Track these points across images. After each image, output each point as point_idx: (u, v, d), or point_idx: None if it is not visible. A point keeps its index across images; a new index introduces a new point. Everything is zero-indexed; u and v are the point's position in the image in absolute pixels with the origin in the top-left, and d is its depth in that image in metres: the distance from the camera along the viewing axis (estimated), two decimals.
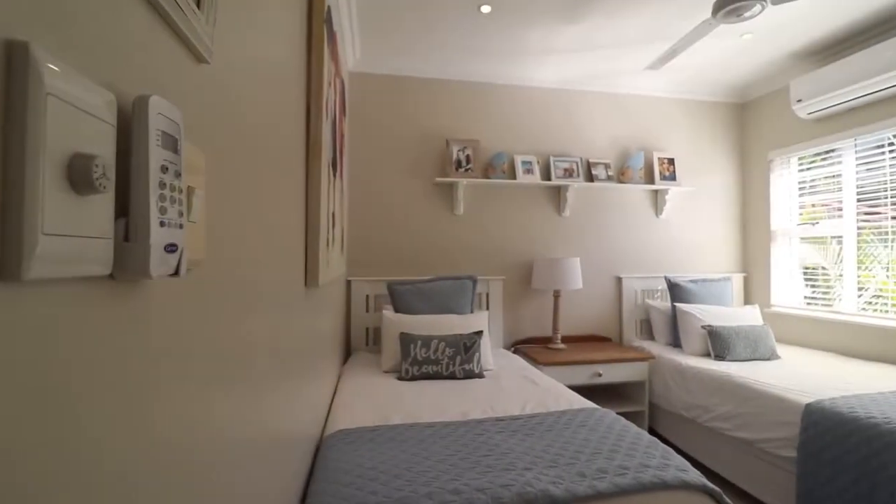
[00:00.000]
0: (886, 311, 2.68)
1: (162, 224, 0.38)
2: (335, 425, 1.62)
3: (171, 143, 0.39)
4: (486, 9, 2.32)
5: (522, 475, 1.19)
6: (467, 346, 2.27)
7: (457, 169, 3.01)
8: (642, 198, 3.41)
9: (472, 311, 2.73)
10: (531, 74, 3.15)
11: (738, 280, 3.52)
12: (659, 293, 3.35)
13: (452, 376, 2.22)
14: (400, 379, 2.21)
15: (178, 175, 0.40)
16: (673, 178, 3.35)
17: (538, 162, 3.20)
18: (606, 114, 3.38)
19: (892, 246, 2.68)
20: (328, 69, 1.46)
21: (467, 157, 3.04)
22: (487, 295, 3.08)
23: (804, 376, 2.25)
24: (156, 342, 0.43)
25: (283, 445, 1.03)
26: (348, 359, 2.67)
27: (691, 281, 3.11)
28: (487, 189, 3.15)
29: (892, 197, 2.65)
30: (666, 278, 3.15)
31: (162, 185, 0.38)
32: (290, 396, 1.09)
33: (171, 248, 0.39)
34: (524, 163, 3.15)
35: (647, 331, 3.31)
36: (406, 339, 2.29)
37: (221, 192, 0.61)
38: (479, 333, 2.35)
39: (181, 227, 0.41)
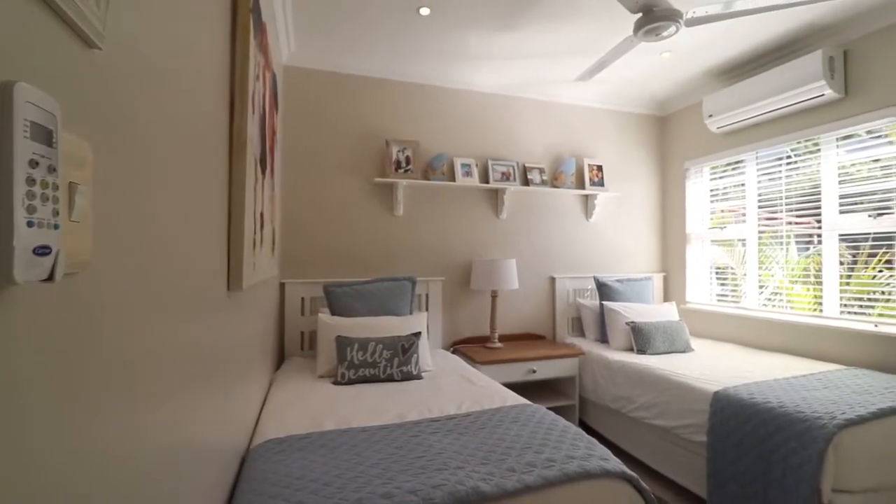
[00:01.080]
0: (783, 307, 3.01)
1: (30, 224, 0.34)
2: (264, 435, 1.55)
3: (44, 136, 0.36)
4: (424, 11, 2.33)
5: (455, 474, 1.20)
6: (405, 347, 2.26)
7: (396, 169, 3.00)
8: (574, 202, 3.58)
9: (411, 313, 2.72)
10: (470, 79, 3.20)
11: (658, 279, 3.80)
12: (589, 292, 3.53)
13: (390, 379, 2.20)
14: (336, 383, 2.16)
15: (52, 170, 0.36)
16: (601, 183, 3.55)
17: (477, 165, 3.26)
18: (541, 121, 3.51)
19: (787, 248, 3.01)
20: (255, 61, 1.40)
21: (407, 157, 3.03)
22: (427, 296, 3.08)
23: (713, 367, 2.46)
24: (25, 354, 0.38)
25: (202, 458, 0.97)
26: (281, 365, 2.57)
27: (617, 280, 3.32)
28: (427, 190, 3.17)
29: (787, 204, 2.98)
30: (595, 278, 3.33)
31: (30, 181, 0.34)
32: (210, 406, 1.03)
33: (42, 250, 0.35)
34: (463, 165, 3.20)
35: (578, 328, 3.48)
36: (342, 343, 2.24)
37: (120, 189, 0.56)
38: (418, 335, 2.34)
39: (56, 227, 0.37)
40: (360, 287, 2.63)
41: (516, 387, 2.92)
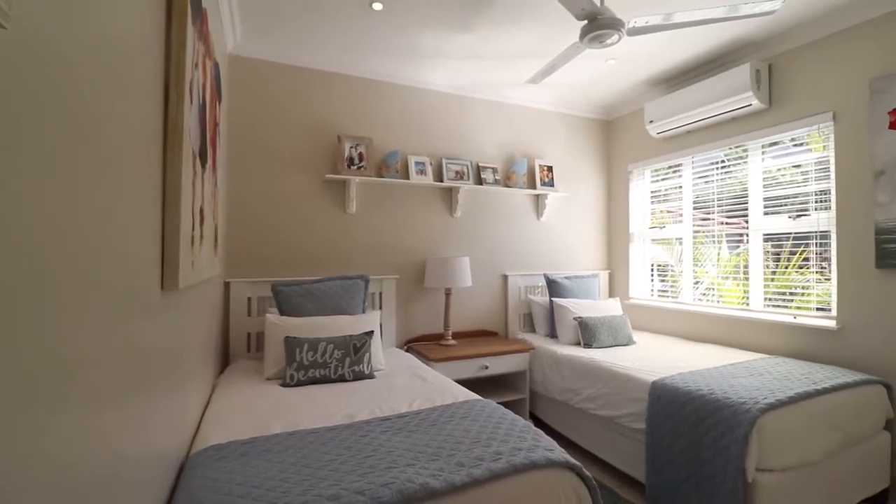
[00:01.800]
0: (716, 302, 3.24)
1: None
2: (204, 441, 1.48)
3: None
4: (377, 6, 2.31)
5: (404, 472, 1.20)
6: (357, 346, 2.23)
7: (349, 166, 2.95)
8: (525, 201, 3.67)
9: (364, 312, 2.69)
10: (425, 77, 3.20)
11: (604, 276, 3.97)
12: (539, 289, 3.64)
13: (342, 379, 2.16)
14: (284, 385, 2.10)
15: None
16: (552, 184, 3.66)
17: (431, 163, 3.26)
18: (494, 121, 3.57)
19: (719, 247, 3.23)
20: (194, 48, 1.32)
21: (360, 154, 2.98)
22: (381, 294, 3.06)
23: (653, 358, 2.61)
24: None
25: (133, 468, 0.91)
26: (226, 368, 2.46)
27: (566, 277, 3.43)
28: (381, 188, 3.14)
29: (719, 206, 3.19)
30: (545, 275, 3.43)
31: None
32: (143, 412, 0.97)
33: None
34: (417, 163, 3.19)
35: (530, 324, 3.58)
36: (291, 343, 2.18)
37: (27, 183, 0.52)
38: (370, 334, 2.32)
39: None
40: (311, 286, 2.57)
41: (469, 383, 2.96)
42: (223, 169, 2.43)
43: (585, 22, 1.93)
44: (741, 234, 3.07)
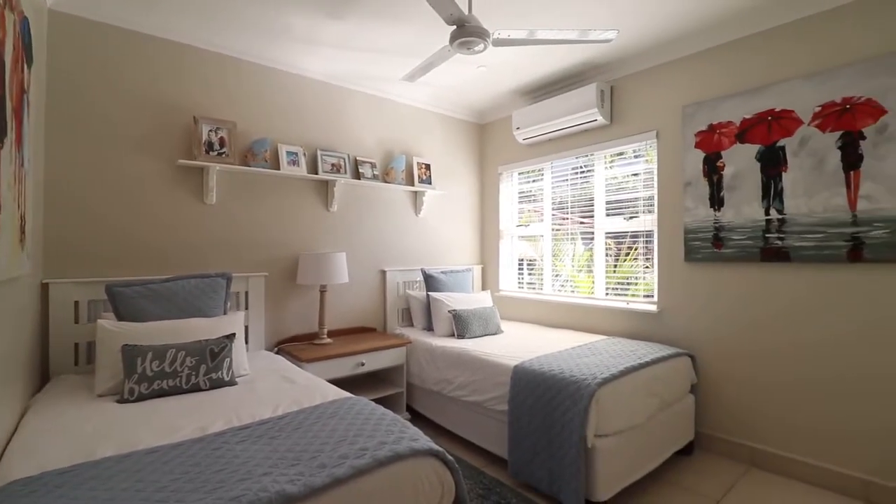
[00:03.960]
0: (572, 292, 3.64)
1: None
2: (4, 477, 1.22)
3: None
4: None
5: (259, 482, 1.13)
6: (215, 352, 2.03)
7: (208, 151, 2.66)
8: (404, 197, 3.71)
9: (225, 313, 2.45)
10: (299, 62, 3.02)
11: (477, 270, 4.22)
12: (417, 284, 3.71)
13: (196, 388, 1.95)
14: (122, 402, 1.82)
15: None
16: (429, 181, 3.76)
17: (305, 154, 3.11)
18: (374, 116, 3.54)
19: (574, 244, 3.64)
20: None
21: (221, 139, 2.71)
22: (247, 293, 2.83)
23: (517, 345, 2.85)
24: None
25: None
26: (45, 386, 2.05)
27: (442, 272, 3.56)
28: (247, 178, 2.89)
29: (572, 207, 3.60)
30: (422, 270, 3.51)
31: None
32: None
33: None
34: (289, 153, 3.02)
35: (408, 318, 3.64)
36: (131, 352, 1.89)
37: None
38: (231, 337, 2.13)
39: None
40: (158, 286, 2.26)
41: (345, 381, 2.91)
42: (36, 146, 2.01)
43: (455, 27, 2.01)
44: (592, 233, 3.51)
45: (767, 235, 2.46)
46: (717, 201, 2.67)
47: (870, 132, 2.14)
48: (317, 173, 3.14)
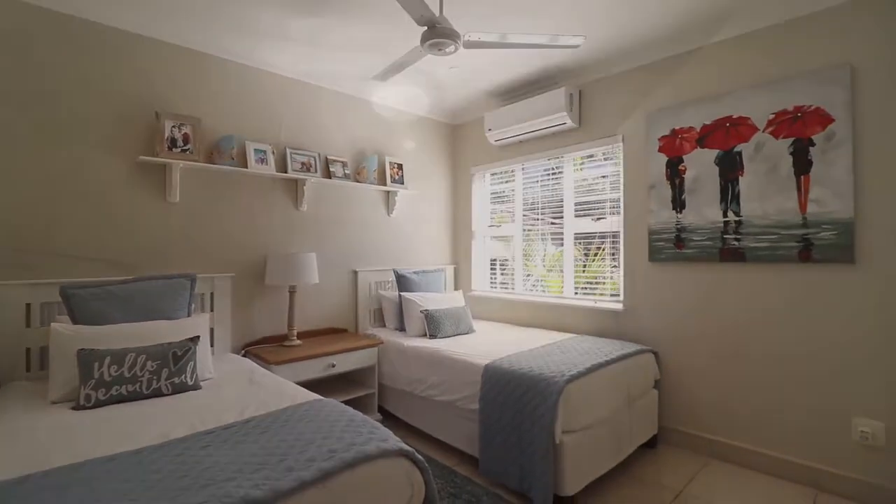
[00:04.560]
0: (543, 291, 3.70)
1: None
2: None
3: None
4: None
5: (222, 488, 1.11)
6: (178, 355, 1.97)
7: (171, 148, 2.57)
8: (376, 197, 3.69)
9: (189, 315, 2.38)
10: (268, 58, 2.96)
11: (450, 270, 4.24)
12: (389, 284, 3.70)
13: (157, 394, 1.89)
14: (77, 408, 1.74)
15: None
16: (402, 181, 3.75)
17: (273, 152, 3.05)
18: (345, 115, 3.50)
19: (545, 244, 3.71)
20: None
21: (185, 136, 2.63)
22: (212, 295, 2.75)
23: (488, 344, 2.87)
24: None
25: None
26: None
27: (415, 272, 3.56)
28: (212, 175, 2.81)
29: (543, 208, 3.66)
30: (394, 271, 3.50)
31: None
32: None
33: None
34: (257, 151, 2.95)
35: (380, 319, 3.62)
36: (87, 357, 1.81)
37: None
38: (195, 339, 2.07)
39: None
40: (117, 288, 2.17)
41: (315, 383, 2.88)
42: None
43: (426, 28, 2.01)
44: (562, 233, 3.57)
45: (725, 236, 2.58)
46: (679, 204, 2.77)
47: (819, 139, 2.27)
48: (286, 172, 3.09)
